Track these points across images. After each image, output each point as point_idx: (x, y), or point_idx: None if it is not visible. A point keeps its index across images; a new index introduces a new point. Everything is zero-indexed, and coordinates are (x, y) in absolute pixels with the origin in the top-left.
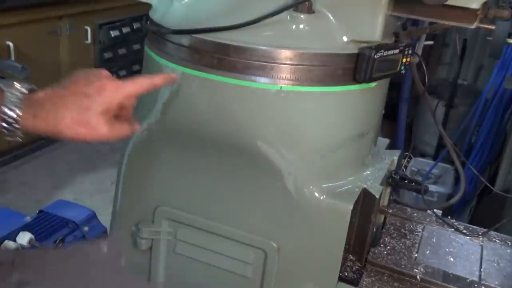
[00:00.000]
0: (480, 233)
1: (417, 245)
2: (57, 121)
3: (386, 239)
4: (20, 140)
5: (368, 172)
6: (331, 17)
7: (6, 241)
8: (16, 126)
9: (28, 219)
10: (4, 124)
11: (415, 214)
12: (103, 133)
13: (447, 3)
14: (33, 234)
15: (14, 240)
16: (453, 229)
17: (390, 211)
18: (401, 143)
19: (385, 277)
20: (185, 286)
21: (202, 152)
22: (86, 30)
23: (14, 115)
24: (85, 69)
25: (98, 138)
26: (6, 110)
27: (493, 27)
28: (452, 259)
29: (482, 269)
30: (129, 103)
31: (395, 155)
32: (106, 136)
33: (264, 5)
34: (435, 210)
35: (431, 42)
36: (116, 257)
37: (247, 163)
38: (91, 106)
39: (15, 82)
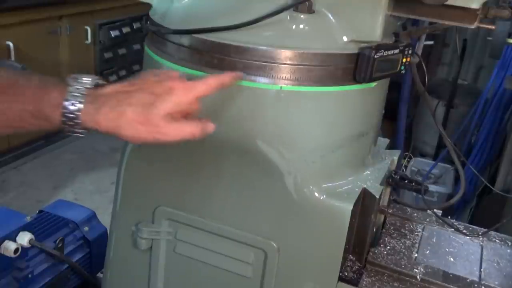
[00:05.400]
0: (480, 233)
1: (417, 245)
2: (118, 117)
3: (386, 239)
4: (82, 135)
5: (368, 172)
6: (331, 17)
7: (6, 241)
8: (76, 120)
9: (28, 219)
10: (64, 118)
11: (415, 214)
12: (165, 132)
13: (447, 3)
14: (33, 234)
15: (14, 240)
16: (453, 229)
17: (390, 211)
18: (401, 143)
19: (385, 277)
20: (185, 286)
21: (202, 152)
22: (86, 30)
23: (75, 109)
24: (155, 69)
25: (161, 138)
26: (67, 103)
27: (493, 27)
28: (452, 259)
29: (482, 269)
30: (196, 104)
31: (395, 155)
32: (171, 135)
33: (264, 5)
34: (435, 210)
35: (431, 42)
36: None
37: (247, 163)
38: (157, 104)
39: (82, 76)
